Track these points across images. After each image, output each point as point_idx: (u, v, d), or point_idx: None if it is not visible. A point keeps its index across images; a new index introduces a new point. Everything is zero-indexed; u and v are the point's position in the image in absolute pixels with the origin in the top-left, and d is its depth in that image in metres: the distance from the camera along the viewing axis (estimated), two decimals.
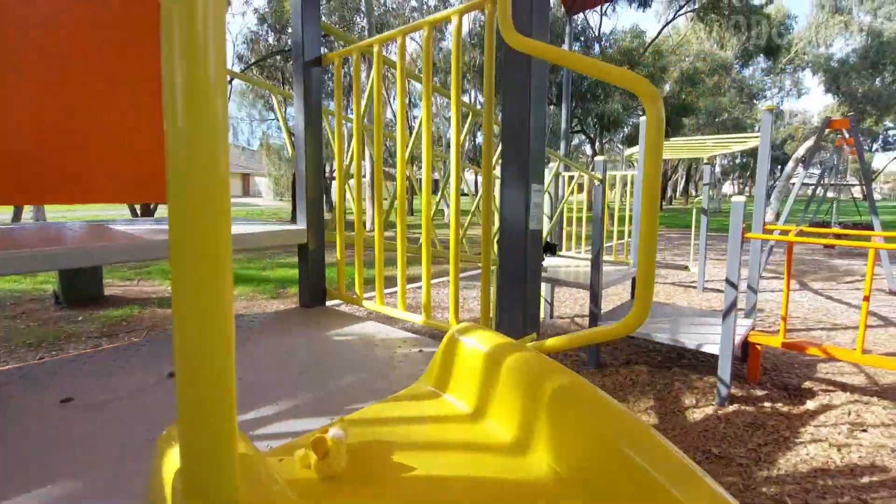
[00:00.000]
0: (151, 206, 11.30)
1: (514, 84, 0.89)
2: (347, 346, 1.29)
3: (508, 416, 0.67)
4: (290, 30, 14.35)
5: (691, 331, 2.92)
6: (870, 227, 8.11)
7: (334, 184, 1.53)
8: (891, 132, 44.70)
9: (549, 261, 3.77)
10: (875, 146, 45.60)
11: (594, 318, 3.11)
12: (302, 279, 1.60)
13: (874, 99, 11.97)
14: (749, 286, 3.14)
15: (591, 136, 15.40)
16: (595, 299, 3.09)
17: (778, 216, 19.03)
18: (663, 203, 26.95)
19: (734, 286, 2.53)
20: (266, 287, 5.59)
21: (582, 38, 11.45)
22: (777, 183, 16.36)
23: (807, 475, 2.00)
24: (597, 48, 11.77)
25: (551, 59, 0.79)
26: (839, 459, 2.11)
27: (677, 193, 34.83)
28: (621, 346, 3.56)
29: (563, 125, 7.13)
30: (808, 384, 2.89)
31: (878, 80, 12.78)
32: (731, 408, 2.58)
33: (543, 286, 4.40)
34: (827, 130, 5.99)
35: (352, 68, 1.35)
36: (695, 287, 5.72)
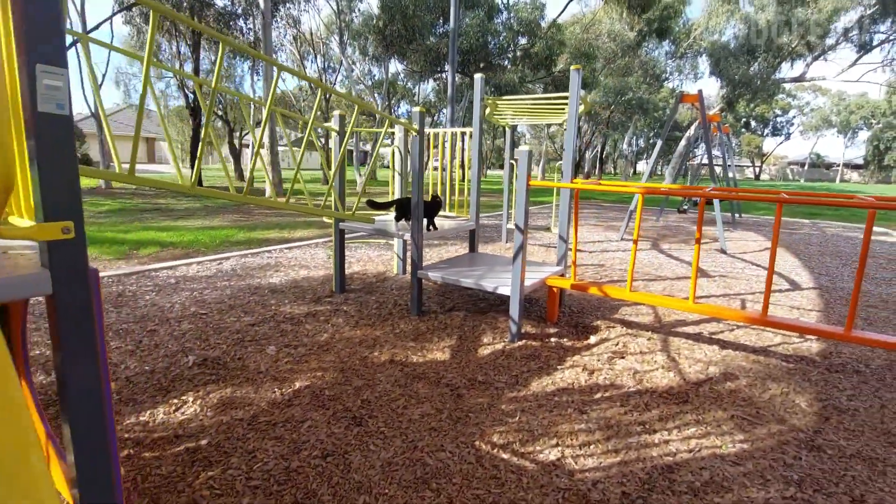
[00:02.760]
0: None
1: None
2: None
3: None
4: None
5: (500, 277, 3.10)
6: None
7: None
8: (779, 119, 49.90)
9: (390, 216, 3.80)
10: (766, 131, 50.77)
11: (415, 266, 3.20)
12: None
13: (747, 83, 13.23)
14: (560, 237, 3.37)
15: None
16: (417, 249, 3.17)
17: None
18: (580, 176, 28.28)
19: (522, 231, 2.70)
20: (110, 249, 5.19)
21: (486, 6, 11.45)
22: (671, 159, 17.49)
23: (549, 394, 2.22)
24: (505, 15, 11.85)
25: None
26: (584, 381, 2.36)
27: (596, 169, 36.62)
28: (451, 296, 3.72)
29: (450, 91, 7.17)
30: (598, 323, 3.20)
31: (753, 66, 14.08)
32: (519, 343, 2.79)
33: (396, 241, 4.46)
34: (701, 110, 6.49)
35: None
36: (555, 247, 6.08)
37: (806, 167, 52.85)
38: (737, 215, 10.18)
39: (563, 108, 5.03)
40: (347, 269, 4.60)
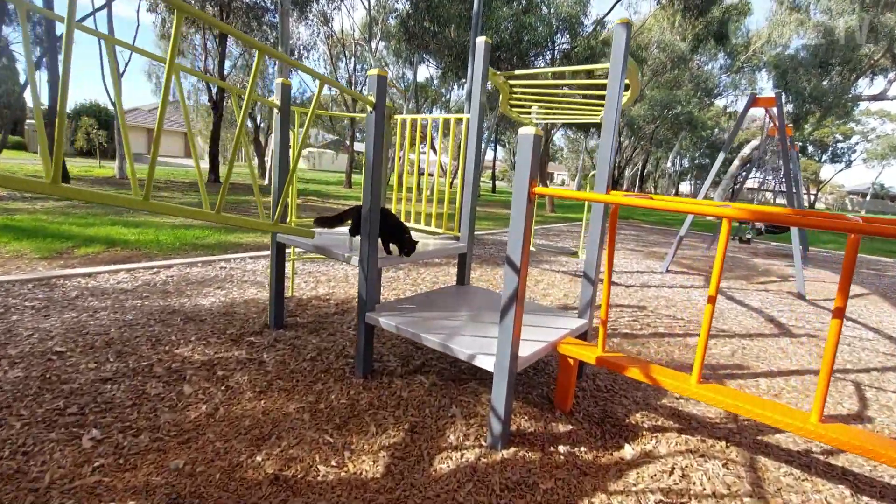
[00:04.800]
0: None
1: None
2: None
3: None
4: None
5: (486, 332, 2.01)
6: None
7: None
8: (839, 145, 46.41)
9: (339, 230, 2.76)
10: (824, 157, 47.30)
11: (362, 304, 2.15)
12: None
13: (819, 98, 11.58)
14: (585, 275, 2.25)
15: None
16: (366, 281, 2.12)
17: None
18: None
19: (516, 270, 1.61)
20: (48, 245, 4.38)
21: (523, 0, 10.24)
22: (722, 181, 15.99)
23: None
24: (543, 10, 10.59)
25: None
26: None
27: (635, 187, 34.75)
28: (424, 349, 2.63)
29: (468, 85, 6.14)
30: (638, 416, 2.04)
31: (824, 81, 12.43)
32: (504, 454, 1.68)
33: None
34: (766, 130, 5.24)
35: None
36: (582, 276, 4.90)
37: (868, 198, 48.91)
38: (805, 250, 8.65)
39: (602, 97, 3.92)
40: (311, 290, 3.60)
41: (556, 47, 10.18)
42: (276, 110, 2.53)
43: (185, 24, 15.12)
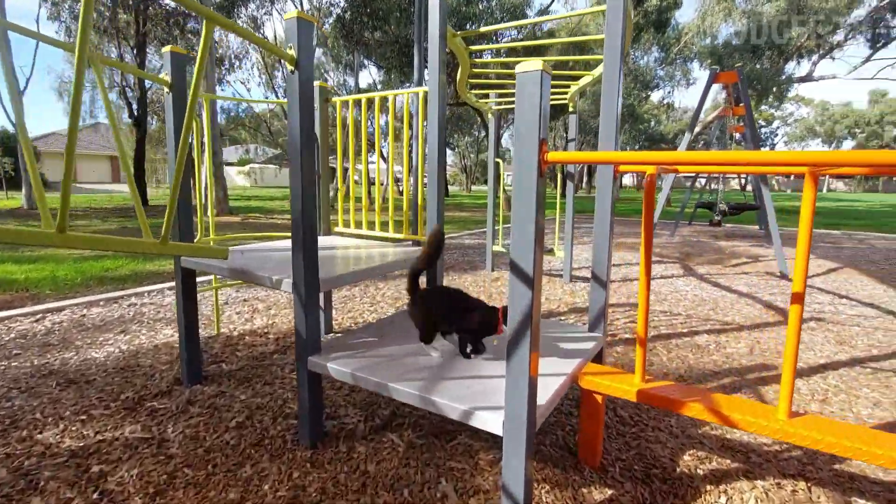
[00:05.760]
0: None
1: None
2: None
3: None
4: None
5: (477, 373, 1.45)
6: (755, 206, 7.58)
7: None
8: (763, 130, 49.71)
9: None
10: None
11: (302, 346, 1.53)
12: None
13: (754, 81, 12.01)
14: (594, 275, 1.74)
15: None
16: (303, 313, 1.51)
17: (669, 201, 19.31)
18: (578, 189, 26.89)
19: (528, 281, 1.06)
20: None
21: None
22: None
23: None
24: (485, 2, 10.34)
25: None
26: None
27: (584, 182, 35.45)
28: (388, 398, 2.04)
29: (416, 75, 5.61)
30: (686, 459, 1.54)
31: (757, 63, 12.91)
32: None
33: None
34: (715, 112, 5.02)
35: None
36: (561, 276, 4.46)
37: (791, 178, 52.65)
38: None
39: (574, 69, 3.53)
40: (244, 323, 2.92)
41: (501, 39, 9.92)
42: (166, 89, 1.88)
43: (99, 34, 13.73)
